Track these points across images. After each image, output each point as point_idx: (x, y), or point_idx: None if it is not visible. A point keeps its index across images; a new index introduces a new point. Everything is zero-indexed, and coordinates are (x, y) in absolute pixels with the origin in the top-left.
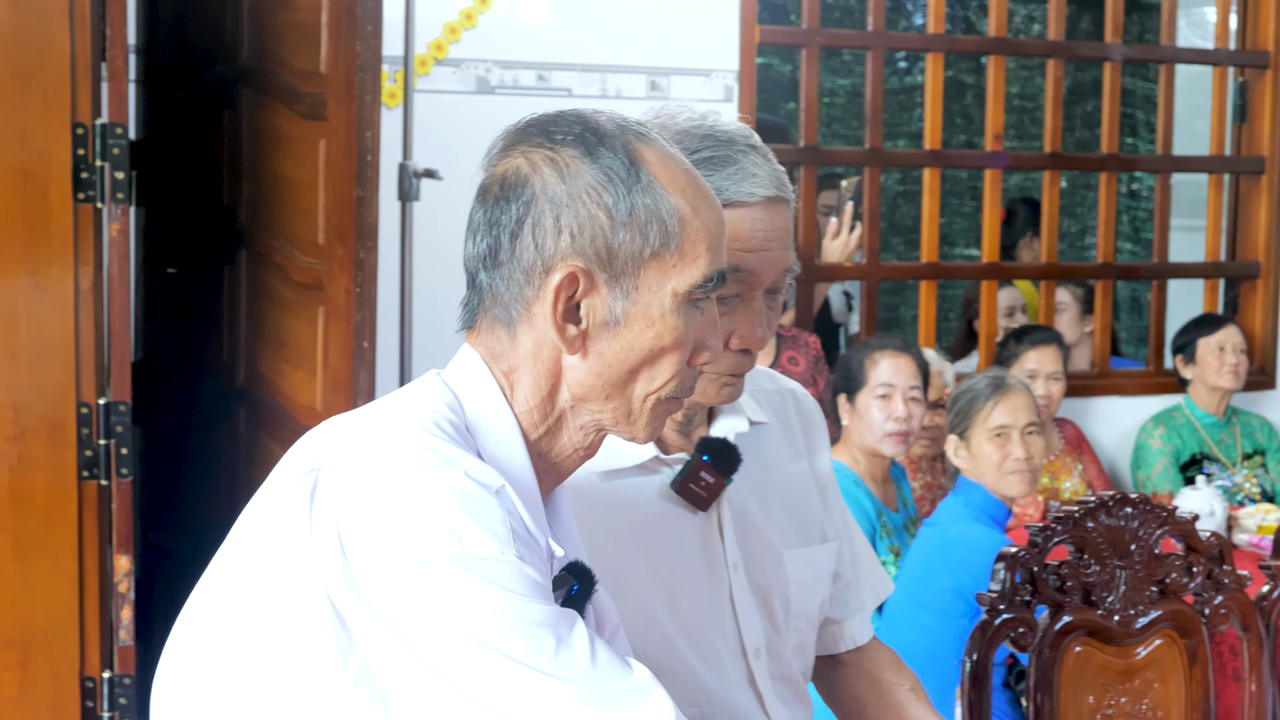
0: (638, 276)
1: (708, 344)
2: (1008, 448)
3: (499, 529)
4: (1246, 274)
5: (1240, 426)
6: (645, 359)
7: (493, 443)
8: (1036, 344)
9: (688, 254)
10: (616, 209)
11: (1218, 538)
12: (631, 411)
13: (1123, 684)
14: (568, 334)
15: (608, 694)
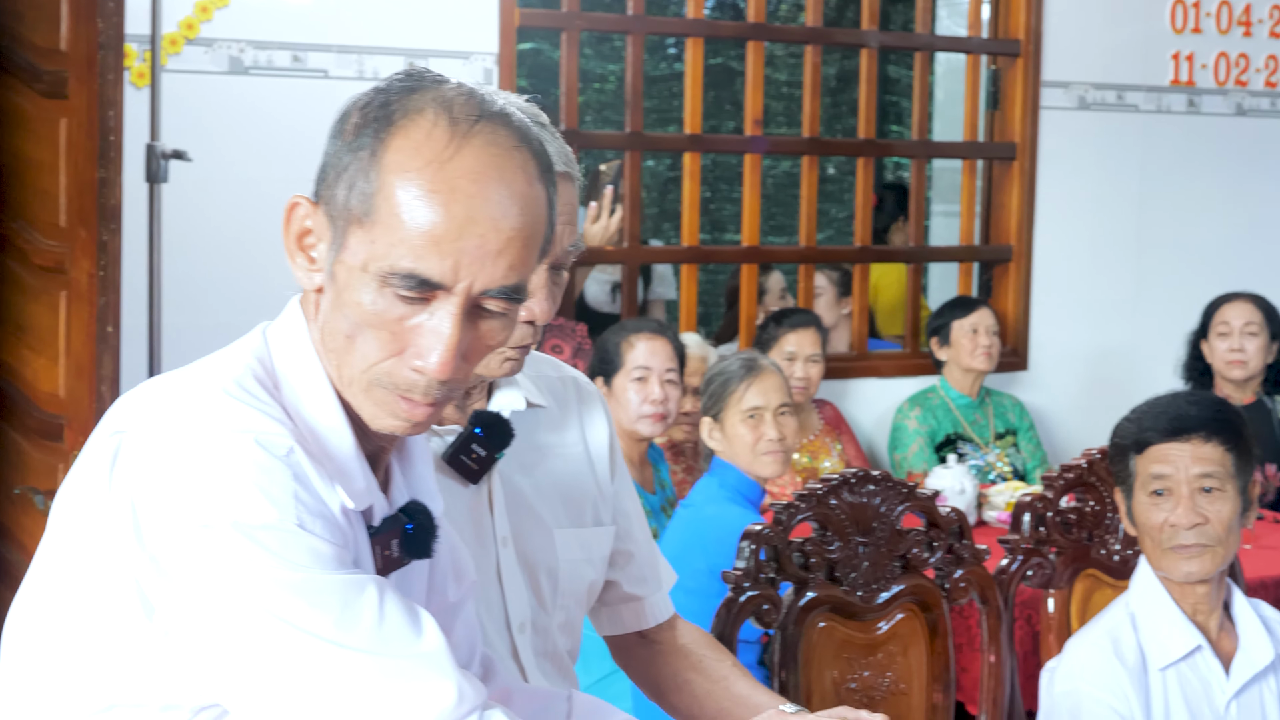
0: (346, 231)
1: (422, 350)
2: (761, 429)
3: (281, 496)
4: (999, 258)
5: (993, 407)
6: (354, 324)
7: (298, 395)
8: (795, 327)
9: (382, 233)
10: (347, 154)
11: (957, 513)
12: (342, 377)
13: (866, 658)
14: (297, 261)
15: (391, 663)
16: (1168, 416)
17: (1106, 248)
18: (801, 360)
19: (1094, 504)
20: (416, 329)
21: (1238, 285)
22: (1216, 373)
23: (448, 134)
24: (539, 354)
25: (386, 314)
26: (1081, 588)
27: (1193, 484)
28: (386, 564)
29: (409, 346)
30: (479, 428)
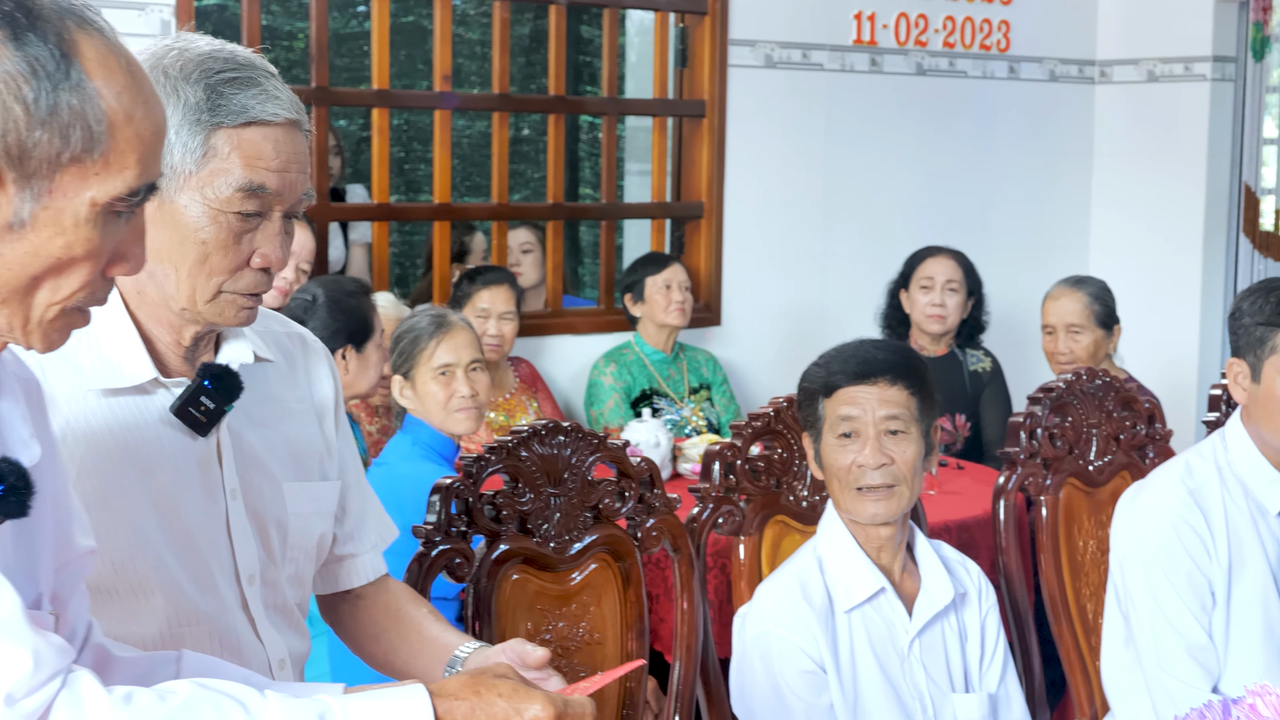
0: (52, 180)
1: (128, 254)
2: (453, 385)
3: None
4: (691, 214)
5: (687, 362)
6: (51, 267)
7: None
8: (489, 284)
9: (114, 163)
10: (36, 105)
11: (648, 462)
12: (29, 320)
13: (560, 608)
14: None
15: None
16: (855, 361)
17: (795, 204)
18: (495, 318)
19: (782, 451)
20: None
21: (921, 241)
22: (914, 324)
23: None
24: (266, 310)
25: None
26: (771, 534)
27: (879, 426)
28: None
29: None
30: (208, 380)
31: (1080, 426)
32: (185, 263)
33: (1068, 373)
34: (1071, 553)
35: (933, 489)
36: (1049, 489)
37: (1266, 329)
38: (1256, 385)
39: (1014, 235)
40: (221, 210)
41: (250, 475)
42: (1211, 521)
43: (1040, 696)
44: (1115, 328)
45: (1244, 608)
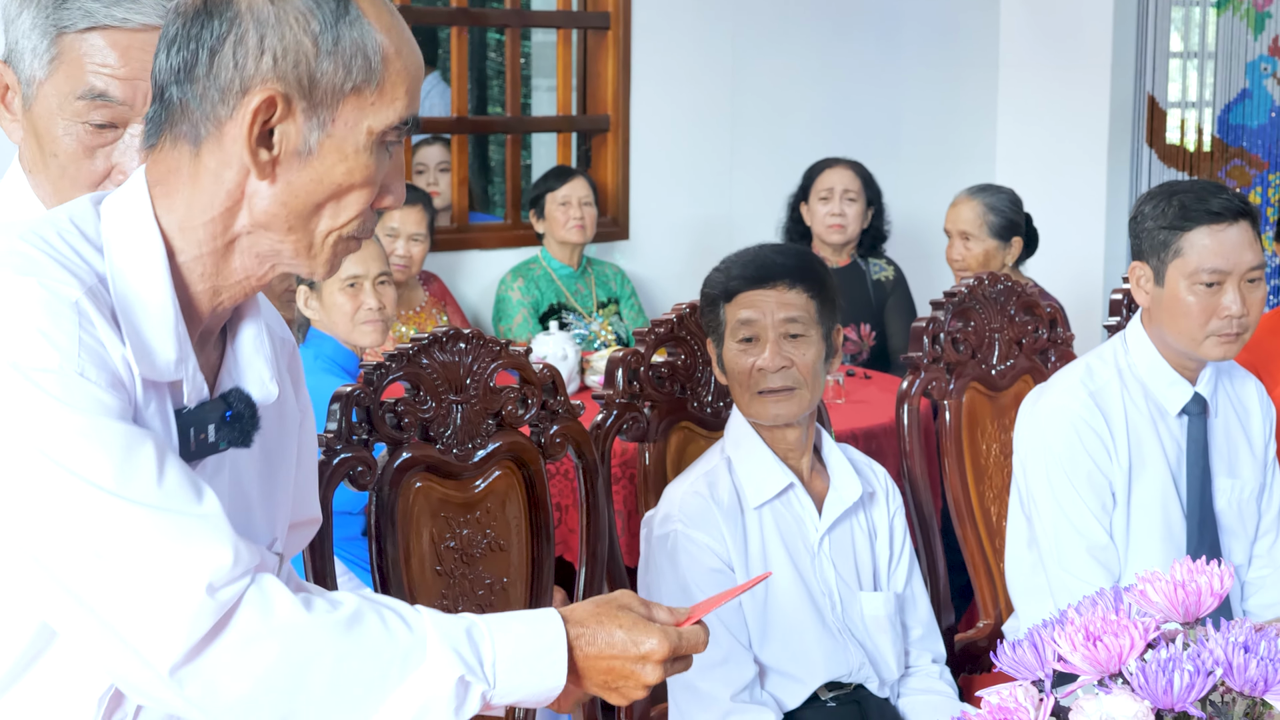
0: (336, 109)
1: (392, 188)
2: (360, 298)
3: (64, 341)
4: (597, 128)
5: (595, 276)
6: (333, 193)
7: (124, 263)
8: (404, 203)
9: (387, 93)
10: (323, 38)
11: (550, 369)
12: (313, 245)
13: (464, 516)
14: (259, 158)
15: (169, 518)
16: (755, 265)
17: (702, 118)
18: (404, 238)
19: (685, 358)
20: (393, 173)
21: (828, 154)
22: (816, 235)
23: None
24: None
25: (378, 167)
26: (676, 440)
27: (779, 329)
28: (200, 447)
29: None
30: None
31: (983, 331)
32: (49, 174)
33: (966, 279)
34: (975, 456)
35: (840, 398)
36: (952, 393)
37: (1170, 232)
38: (1160, 288)
39: (921, 146)
40: (71, 119)
41: None
42: (1112, 423)
43: (945, 599)
44: (1014, 239)
45: (1144, 508)
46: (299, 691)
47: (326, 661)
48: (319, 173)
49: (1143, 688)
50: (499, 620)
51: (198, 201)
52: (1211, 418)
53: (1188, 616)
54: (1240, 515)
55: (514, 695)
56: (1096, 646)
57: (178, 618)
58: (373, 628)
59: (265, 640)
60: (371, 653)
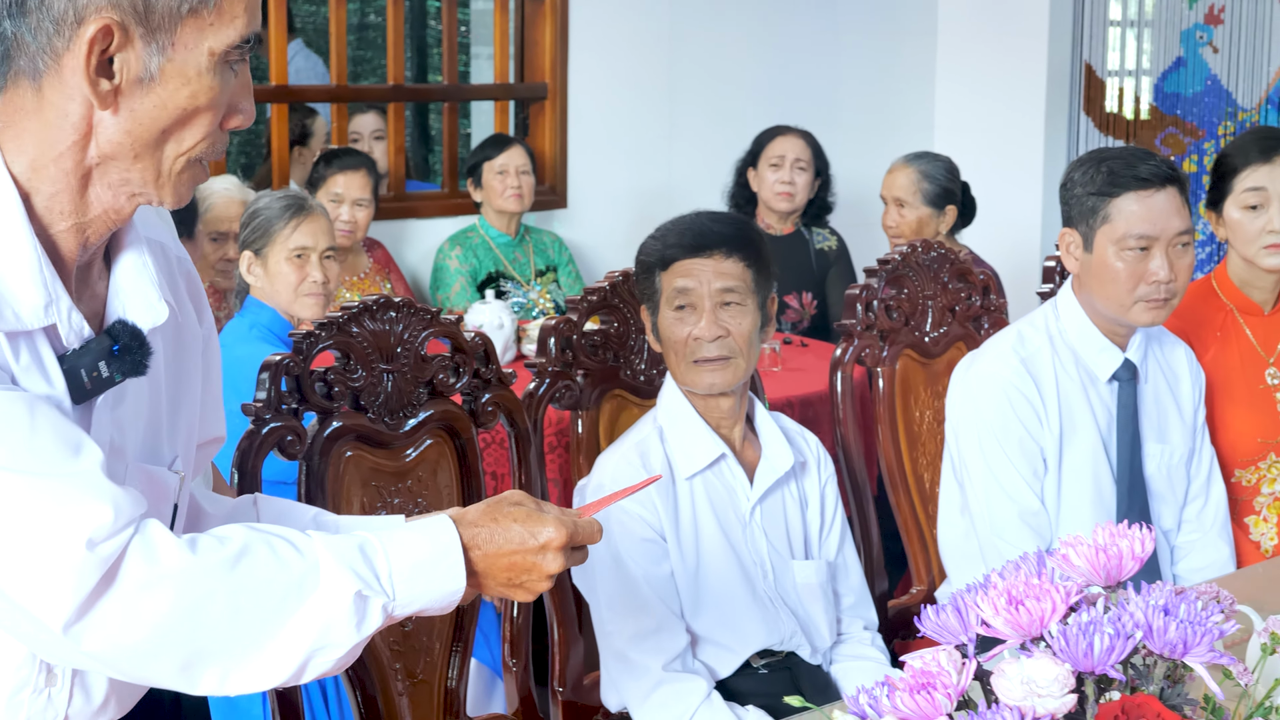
0: (174, 33)
1: (240, 107)
2: (306, 269)
3: None
4: (534, 96)
5: (533, 245)
6: (178, 119)
7: None
8: (345, 169)
9: (226, 13)
10: None
11: (482, 337)
12: (161, 174)
13: (395, 485)
14: (100, 89)
15: (42, 481)
16: (690, 234)
17: (640, 85)
18: (349, 203)
19: (618, 325)
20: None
21: (767, 122)
22: (762, 202)
23: None
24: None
25: (223, 88)
26: (609, 408)
27: (714, 298)
28: (96, 384)
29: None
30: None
31: (916, 298)
32: None
33: (900, 246)
34: (908, 423)
35: (776, 366)
36: (885, 361)
37: (1099, 199)
38: (1089, 254)
39: (859, 114)
40: None
41: None
42: (1043, 389)
43: (879, 566)
44: (949, 207)
45: (1074, 473)
46: (197, 631)
47: (220, 598)
48: (162, 98)
49: (1063, 651)
50: (392, 534)
51: (46, 138)
52: (1141, 384)
53: (1109, 580)
54: (1170, 480)
55: (415, 604)
56: (1019, 611)
57: (62, 576)
58: (262, 558)
59: (155, 587)
60: (264, 582)
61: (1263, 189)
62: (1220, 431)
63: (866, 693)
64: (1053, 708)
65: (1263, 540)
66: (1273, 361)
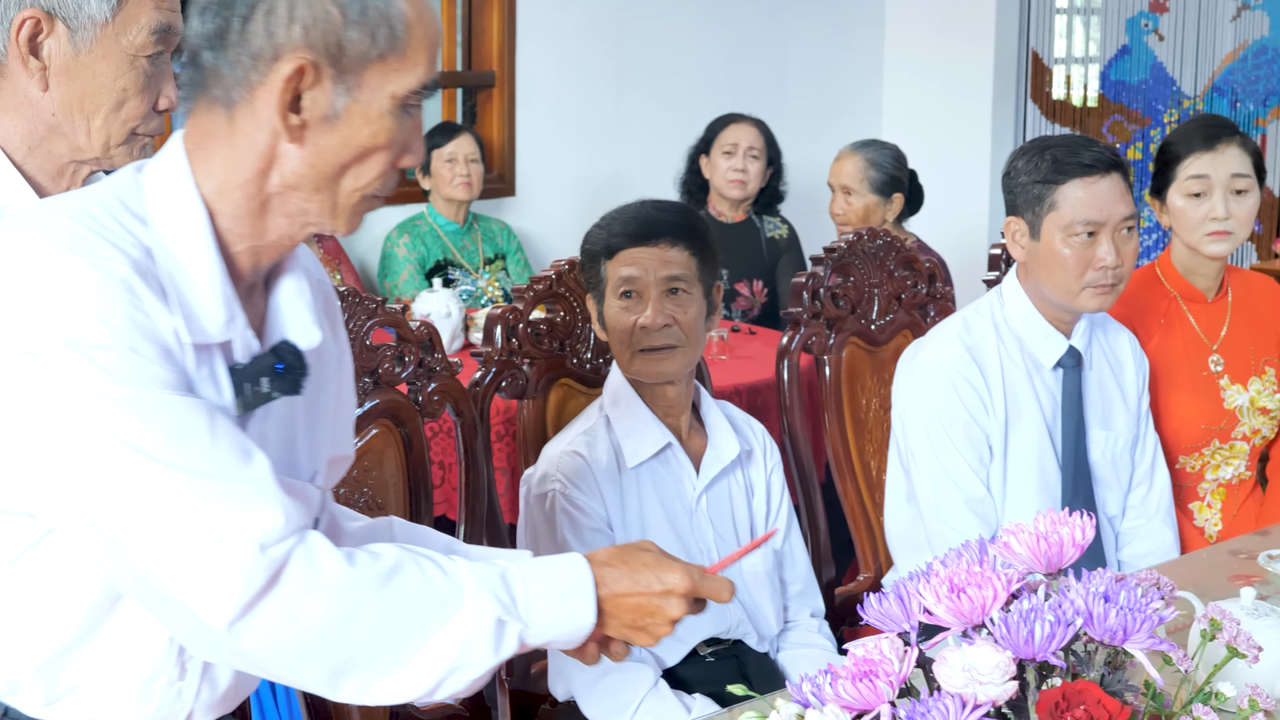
0: (361, 76)
1: (412, 147)
2: None
3: (116, 319)
4: (482, 84)
5: (481, 233)
6: (357, 155)
7: (168, 232)
8: None
9: (409, 59)
10: (350, 8)
11: (428, 326)
12: (337, 205)
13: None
14: (289, 123)
15: (220, 484)
16: (636, 222)
17: (589, 73)
18: None
19: (565, 314)
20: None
21: (715, 110)
22: (714, 189)
23: None
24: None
25: (399, 129)
26: (556, 397)
27: (660, 286)
28: (255, 398)
29: (407, 152)
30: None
31: (862, 286)
32: (100, 112)
33: (846, 235)
34: (855, 411)
35: (724, 354)
36: (832, 349)
37: (1044, 186)
38: (1036, 242)
39: (807, 101)
40: (137, 55)
41: None
42: (988, 376)
43: (826, 554)
44: (895, 195)
45: (1020, 460)
46: (348, 639)
47: (371, 611)
48: (345, 136)
49: (1005, 638)
50: (529, 564)
51: (233, 164)
52: (1086, 370)
53: (1050, 568)
54: (1114, 466)
55: (547, 634)
56: (960, 598)
57: (231, 575)
58: (412, 577)
59: (315, 593)
60: (412, 599)
61: (1206, 176)
62: (1164, 418)
63: (810, 680)
64: (994, 695)
65: (1206, 526)
66: (1216, 348)
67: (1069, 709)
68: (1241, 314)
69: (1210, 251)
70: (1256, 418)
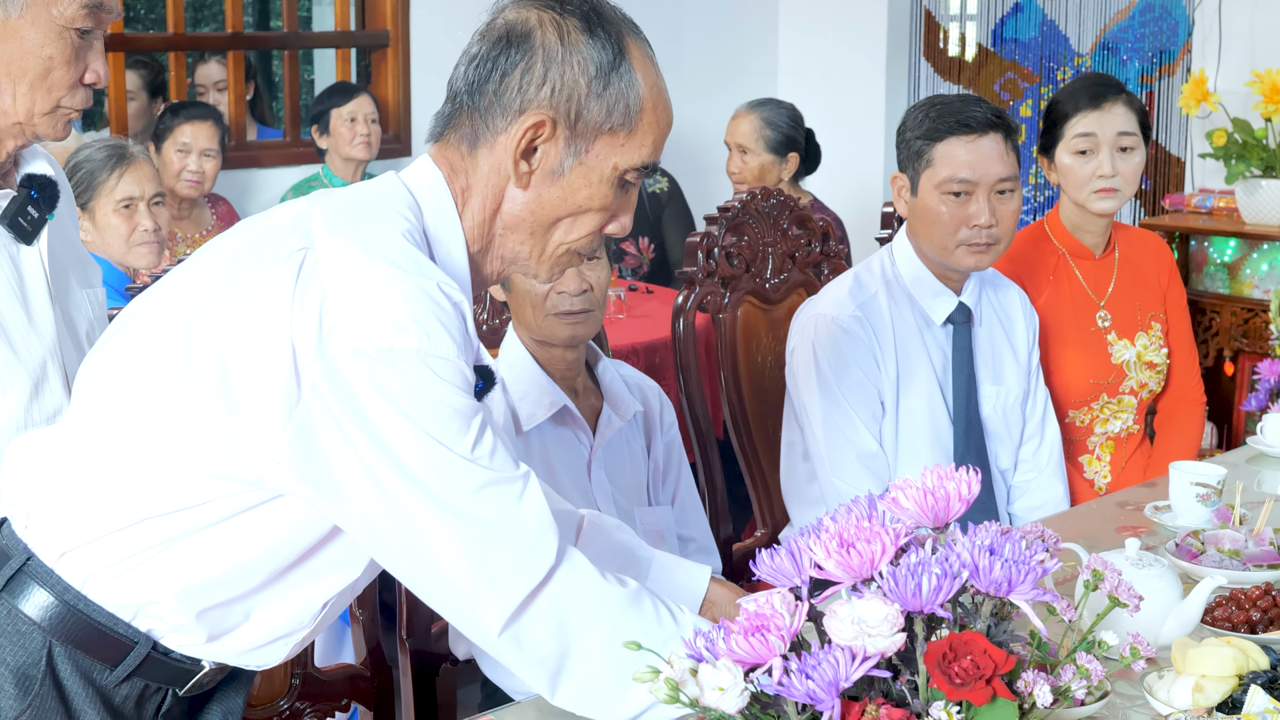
0: (592, 142)
1: (620, 217)
2: (135, 219)
3: (457, 336)
4: (376, 43)
5: None
6: (572, 211)
7: (444, 254)
8: (192, 119)
9: (637, 139)
10: (596, 82)
11: None
12: (545, 253)
13: None
14: (520, 169)
15: (503, 480)
16: None
17: None
18: (196, 153)
19: None
20: (623, 205)
21: None
22: None
23: (649, 51)
24: None
25: (613, 199)
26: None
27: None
28: None
29: (615, 219)
30: (33, 190)
31: (756, 245)
32: (26, 79)
33: (740, 194)
34: (751, 369)
35: (621, 313)
36: (727, 307)
37: (924, 143)
38: (915, 199)
39: (702, 61)
40: (66, 27)
41: (63, 282)
42: (880, 333)
43: (723, 511)
44: (791, 155)
45: (912, 415)
46: (581, 638)
47: (608, 625)
48: (565, 191)
49: (893, 591)
50: None
51: (475, 202)
52: (976, 327)
53: (938, 522)
54: (1005, 421)
55: None
56: (850, 553)
57: (508, 600)
58: (648, 609)
59: (578, 598)
60: (642, 629)
61: (1092, 134)
62: (1054, 373)
63: (703, 635)
64: (883, 646)
65: (1096, 478)
66: (1103, 304)
67: (956, 659)
68: (1128, 270)
69: (1097, 209)
70: (1144, 372)
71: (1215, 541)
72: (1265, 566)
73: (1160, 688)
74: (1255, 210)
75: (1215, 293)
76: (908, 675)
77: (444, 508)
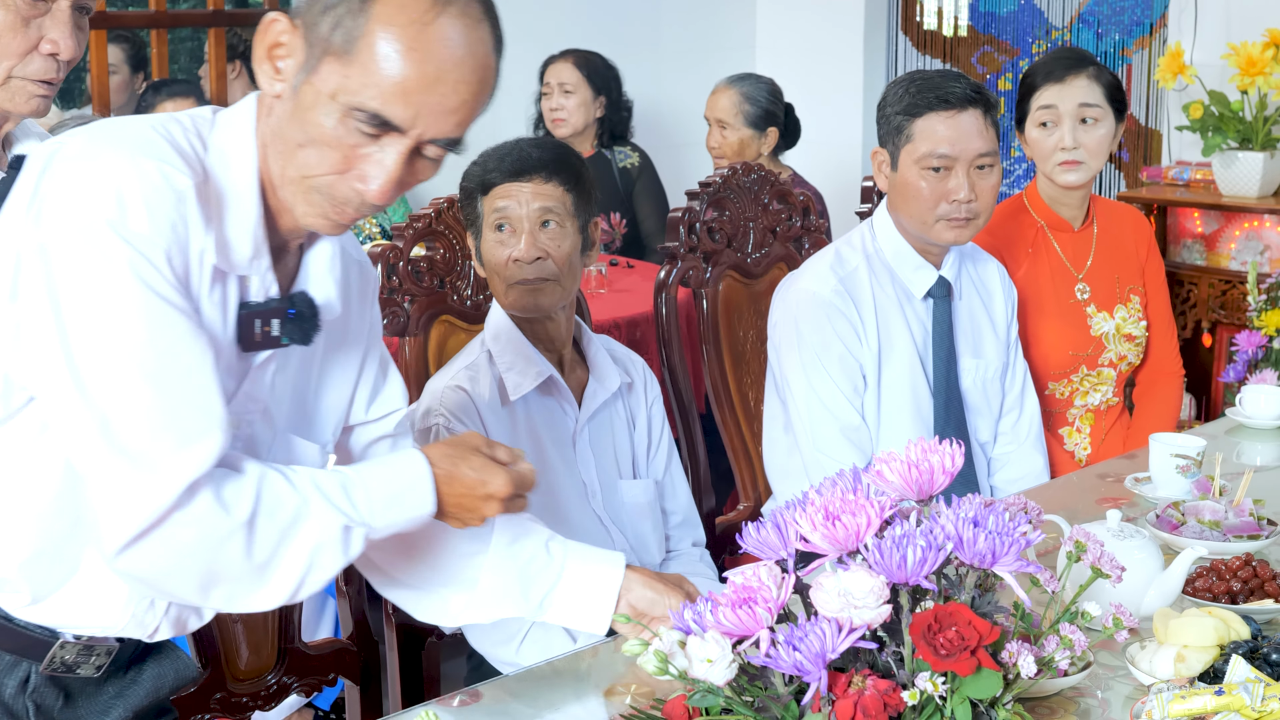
0: (320, 60)
1: (362, 172)
2: None
3: (160, 220)
4: None
5: None
6: (310, 138)
7: (222, 162)
8: (174, 95)
9: (358, 72)
10: None
11: None
12: (290, 177)
13: None
14: (264, 70)
15: (181, 409)
16: (511, 159)
17: None
18: None
19: (444, 252)
20: (365, 157)
21: (586, 45)
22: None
23: None
24: None
25: (343, 140)
26: (437, 333)
27: (533, 219)
28: (264, 339)
29: (354, 169)
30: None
31: (738, 220)
32: None
33: (721, 169)
34: (733, 343)
35: (602, 288)
36: (709, 282)
37: (903, 118)
38: (895, 173)
39: (682, 35)
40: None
41: None
42: (861, 307)
43: (706, 484)
44: (770, 129)
45: (893, 388)
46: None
47: (237, 541)
48: (299, 109)
49: (878, 564)
50: (369, 469)
51: (268, 118)
52: (956, 300)
53: (922, 494)
54: (985, 394)
55: (391, 529)
56: (835, 526)
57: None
58: (268, 504)
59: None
60: (268, 522)
61: (1053, 107)
62: (1033, 346)
63: (691, 608)
64: (869, 618)
65: (1076, 450)
66: (1082, 277)
67: (941, 630)
68: (1107, 243)
69: (1062, 181)
70: (1123, 344)
71: (1195, 513)
72: (1245, 537)
73: (1143, 658)
74: (1232, 182)
75: (1193, 264)
76: (893, 646)
77: (86, 399)
